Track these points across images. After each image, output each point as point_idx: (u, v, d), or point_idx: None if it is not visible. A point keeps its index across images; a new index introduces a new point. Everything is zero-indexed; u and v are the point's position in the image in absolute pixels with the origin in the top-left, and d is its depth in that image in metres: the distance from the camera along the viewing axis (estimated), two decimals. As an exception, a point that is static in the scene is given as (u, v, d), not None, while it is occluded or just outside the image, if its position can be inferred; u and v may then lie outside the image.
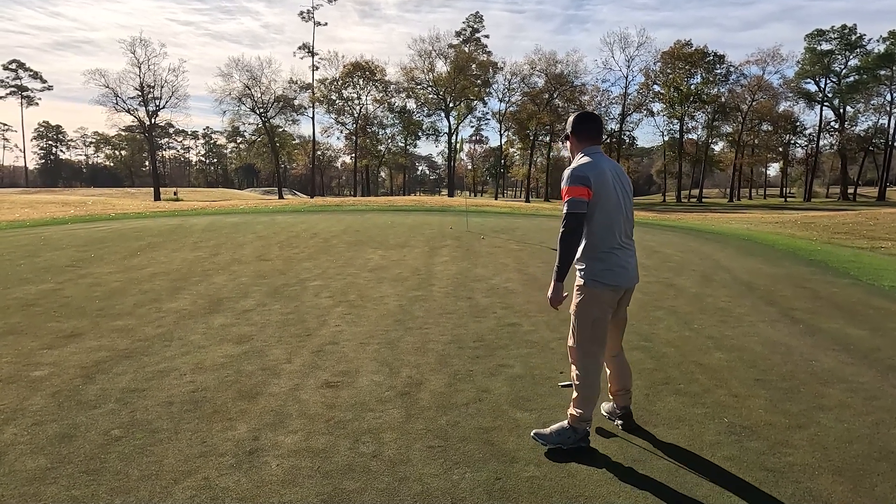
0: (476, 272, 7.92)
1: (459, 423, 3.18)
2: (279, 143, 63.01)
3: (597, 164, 2.74)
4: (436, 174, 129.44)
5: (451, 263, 8.63)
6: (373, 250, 9.95)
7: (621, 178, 2.84)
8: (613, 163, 2.87)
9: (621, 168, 2.95)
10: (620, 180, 2.83)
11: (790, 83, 61.51)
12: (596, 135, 2.88)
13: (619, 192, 2.79)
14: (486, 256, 9.38)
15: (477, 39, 64.84)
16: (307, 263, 8.60)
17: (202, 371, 4.00)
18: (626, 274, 2.81)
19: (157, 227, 13.89)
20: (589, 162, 2.75)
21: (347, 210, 20.28)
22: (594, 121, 2.90)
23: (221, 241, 11.01)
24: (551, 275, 2.83)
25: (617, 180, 2.80)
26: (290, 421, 3.20)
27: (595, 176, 2.70)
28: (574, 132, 2.89)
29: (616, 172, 2.82)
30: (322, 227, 13.58)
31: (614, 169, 2.83)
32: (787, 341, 4.76)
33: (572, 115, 2.96)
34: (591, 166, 2.73)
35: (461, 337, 4.83)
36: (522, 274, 7.84)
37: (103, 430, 3.09)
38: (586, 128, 2.87)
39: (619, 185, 2.80)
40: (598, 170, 2.72)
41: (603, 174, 2.73)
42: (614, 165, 2.86)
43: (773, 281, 7.54)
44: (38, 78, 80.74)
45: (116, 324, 5.25)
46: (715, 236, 14.11)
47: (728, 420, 3.20)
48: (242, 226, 14.03)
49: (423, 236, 11.87)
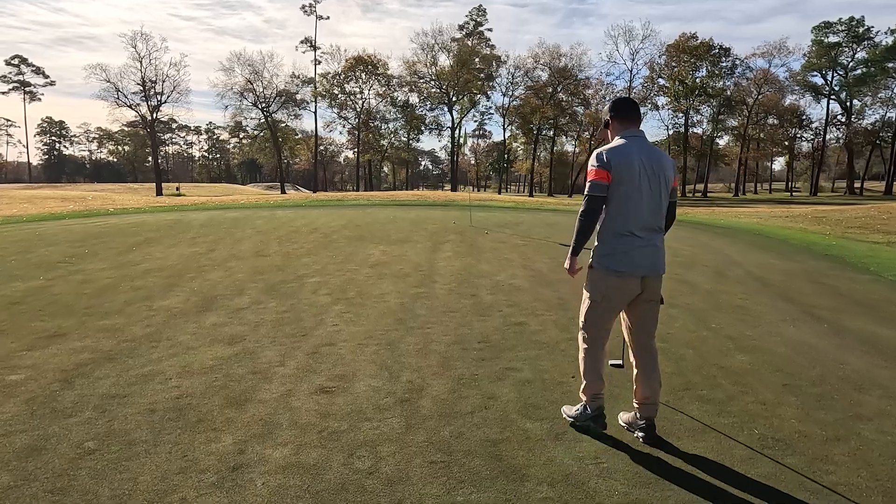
0: (480, 268, 7.65)
1: (464, 434, 2.91)
2: (281, 137, 62.73)
3: (625, 149, 2.70)
4: (439, 169, 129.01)
5: (454, 259, 8.36)
6: (374, 246, 9.69)
7: (654, 167, 2.72)
8: (652, 150, 2.78)
9: (662, 156, 2.80)
10: (652, 169, 2.71)
11: (796, 76, 60.85)
12: (629, 118, 2.83)
13: (645, 180, 2.69)
14: (491, 252, 9.11)
15: (480, 33, 64.26)
16: (306, 259, 8.33)
17: (189, 375, 3.75)
18: (630, 261, 2.71)
19: (155, 222, 13.65)
20: (617, 146, 2.73)
21: (349, 205, 20.02)
22: (628, 104, 2.90)
23: (220, 237, 10.76)
24: (558, 271, 2.76)
25: (645, 168, 2.69)
26: (279, 432, 2.94)
27: (617, 161, 2.66)
28: (612, 117, 2.89)
29: (649, 160, 2.72)
30: (323, 222, 13.32)
31: (648, 156, 2.73)
32: (812, 342, 4.47)
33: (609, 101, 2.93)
34: (617, 151, 2.70)
35: (465, 337, 4.57)
36: (528, 270, 7.56)
37: (77, 441, 2.84)
38: (620, 111, 2.86)
39: (649, 173, 2.70)
40: (623, 155, 2.67)
41: (628, 159, 2.67)
42: (651, 153, 2.75)
43: (789, 277, 7.25)
44: (40, 73, 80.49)
45: (103, 323, 5.00)
46: (724, 230, 13.80)
47: (759, 431, 2.92)
48: (242, 221, 13.78)
49: (426, 231, 11.59)
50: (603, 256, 2.76)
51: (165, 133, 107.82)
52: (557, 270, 7.00)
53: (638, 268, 2.72)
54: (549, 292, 6.10)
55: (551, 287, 6.30)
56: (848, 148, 63.16)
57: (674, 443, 2.82)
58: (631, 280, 2.73)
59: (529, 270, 7.54)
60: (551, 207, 20.43)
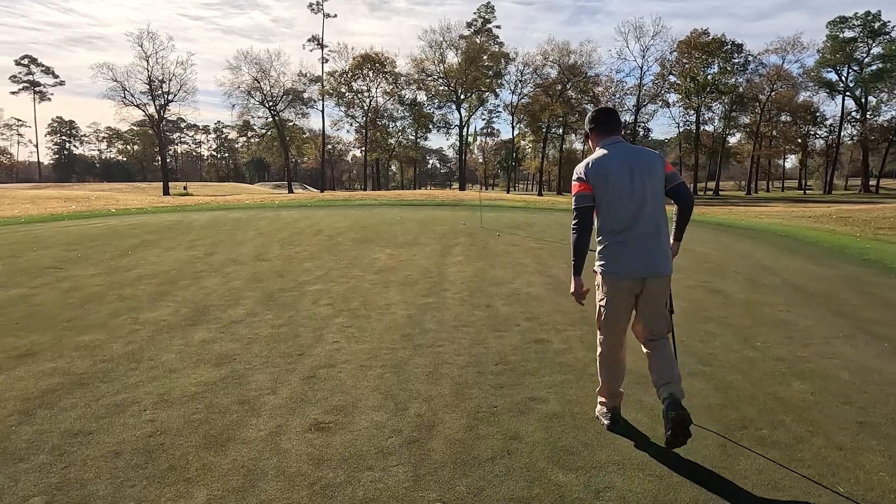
0: (493, 274, 7.14)
1: (484, 489, 2.42)
2: (289, 137, 62.42)
3: (602, 159, 2.78)
4: (447, 167, 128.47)
5: (465, 264, 7.86)
6: (380, 249, 9.22)
7: (634, 168, 2.74)
8: (631, 152, 2.80)
9: (641, 154, 2.82)
10: (632, 170, 2.73)
11: (810, 73, 59.70)
12: (606, 128, 2.90)
13: (626, 183, 2.72)
14: (504, 256, 8.60)
15: (489, 30, 63.55)
16: (308, 264, 7.87)
17: (167, 405, 3.28)
18: (619, 264, 2.75)
19: (156, 223, 13.27)
20: (594, 158, 2.81)
21: (355, 205, 19.58)
22: (603, 114, 2.95)
23: (220, 239, 10.33)
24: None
25: (626, 172, 2.73)
26: (263, 484, 2.46)
27: (594, 172, 2.75)
28: (591, 129, 2.94)
29: (628, 163, 2.75)
30: (327, 223, 12.87)
31: (627, 158, 2.77)
32: (876, 364, 3.94)
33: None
34: (593, 161, 2.79)
35: (481, 358, 4.07)
36: (545, 276, 7.05)
37: (21, 496, 2.37)
38: (596, 123, 2.92)
39: (629, 176, 2.72)
40: (599, 166, 2.76)
41: (604, 169, 2.74)
42: (630, 154, 2.78)
43: (830, 285, 6.69)
44: (50, 73, 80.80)
45: (82, 339, 4.55)
46: (746, 231, 13.20)
47: (845, 490, 2.40)
48: (245, 222, 13.36)
49: (434, 233, 11.11)
50: (598, 261, 2.84)
51: (174, 132, 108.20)
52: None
53: (629, 269, 2.73)
54: (569, 303, 5.58)
55: (571, 297, 5.78)
56: (863, 145, 61.95)
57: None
58: (624, 282, 2.76)
59: (546, 277, 7.02)
60: (563, 207, 19.85)
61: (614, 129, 2.89)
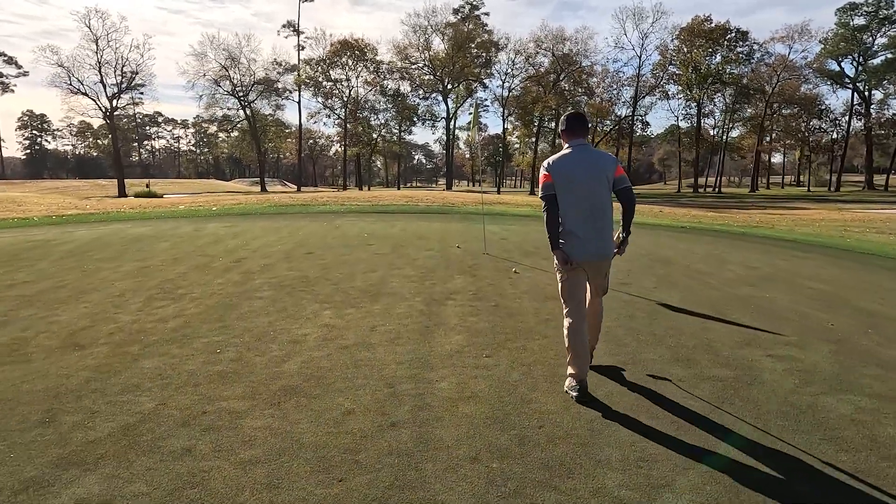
0: (537, 394, 3.20)
1: None
2: (260, 129, 57.67)
3: (566, 155, 3.31)
4: (432, 163, 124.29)
5: (469, 354, 3.89)
6: (320, 305, 5.25)
7: (591, 168, 3.24)
8: (591, 154, 3.29)
9: (599, 157, 3.30)
10: (589, 170, 3.23)
11: (811, 64, 56.52)
12: (573, 132, 3.36)
13: (583, 179, 3.22)
14: (541, 326, 4.65)
15: (477, 17, 59.34)
16: (154, 361, 3.85)
17: None
18: (571, 248, 3.27)
19: (4, 243, 9.10)
20: (560, 154, 3.34)
21: (314, 211, 15.47)
22: (573, 119, 3.38)
23: (62, 281, 6.26)
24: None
25: (584, 170, 3.23)
26: None
27: (557, 167, 3.27)
28: (562, 130, 3.44)
29: (587, 163, 3.25)
30: (257, 246, 8.83)
31: (586, 159, 3.27)
32: None
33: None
34: (558, 158, 3.32)
35: None
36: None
37: None
38: (567, 126, 3.40)
39: (587, 175, 3.23)
40: (563, 162, 3.28)
41: (567, 166, 3.26)
42: (590, 156, 3.28)
43: None
44: (13, 63, 74.89)
45: None
46: (819, 248, 9.50)
47: None
48: (141, 242, 9.26)
49: (415, 269, 7.13)
50: (561, 242, 3.32)
51: (151, 127, 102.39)
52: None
53: (586, 256, 3.27)
54: None
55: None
56: (868, 140, 59.02)
57: None
58: (578, 263, 3.29)
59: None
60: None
61: (581, 133, 3.36)
